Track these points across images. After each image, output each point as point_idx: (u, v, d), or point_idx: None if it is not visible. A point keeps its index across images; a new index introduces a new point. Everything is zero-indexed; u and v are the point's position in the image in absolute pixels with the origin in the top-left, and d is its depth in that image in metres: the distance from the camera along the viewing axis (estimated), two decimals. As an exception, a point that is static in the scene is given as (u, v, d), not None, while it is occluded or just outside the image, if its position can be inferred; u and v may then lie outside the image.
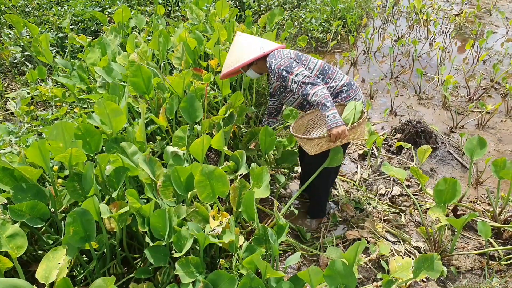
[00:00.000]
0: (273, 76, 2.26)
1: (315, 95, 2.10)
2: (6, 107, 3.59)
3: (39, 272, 1.53)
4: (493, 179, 3.13)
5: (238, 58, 2.33)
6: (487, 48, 5.53)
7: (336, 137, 2.06)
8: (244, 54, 2.32)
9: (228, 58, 2.40)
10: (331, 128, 2.05)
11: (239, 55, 2.32)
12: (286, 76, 2.19)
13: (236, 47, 2.38)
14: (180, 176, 1.93)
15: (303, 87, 2.14)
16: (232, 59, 2.36)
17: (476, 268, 2.37)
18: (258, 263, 1.59)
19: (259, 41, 2.39)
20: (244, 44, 2.36)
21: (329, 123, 2.06)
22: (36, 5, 5.26)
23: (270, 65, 2.24)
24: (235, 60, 2.33)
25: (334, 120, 2.05)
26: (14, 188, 1.79)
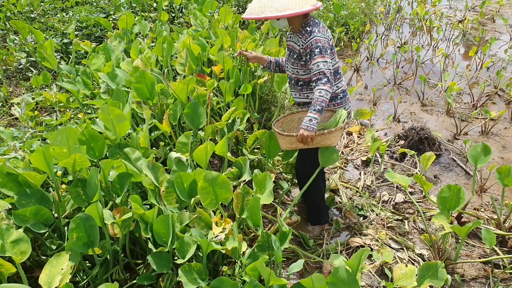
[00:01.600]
0: (303, 41, 2.13)
1: (321, 90, 2.08)
2: (10, 112, 3.61)
3: (42, 278, 1.53)
4: (497, 187, 3.11)
5: (288, 5, 2.04)
6: (491, 54, 5.53)
7: (301, 139, 2.11)
8: (293, 2, 2.06)
9: (273, 0, 2.07)
10: (303, 129, 2.10)
11: (289, 1, 2.06)
12: (316, 54, 2.09)
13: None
14: (183, 182, 1.93)
15: (320, 76, 2.08)
16: (280, 3, 2.04)
17: (480, 277, 2.35)
18: (262, 270, 1.58)
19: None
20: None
21: (305, 123, 2.10)
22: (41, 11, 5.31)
23: (311, 31, 2.11)
24: (284, 6, 2.04)
25: (310, 124, 2.09)
26: (18, 193, 1.79)
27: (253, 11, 2.10)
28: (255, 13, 2.08)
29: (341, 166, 3.39)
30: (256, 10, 2.08)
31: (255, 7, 2.09)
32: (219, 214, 1.91)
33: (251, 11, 2.10)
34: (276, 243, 1.75)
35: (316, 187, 2.53)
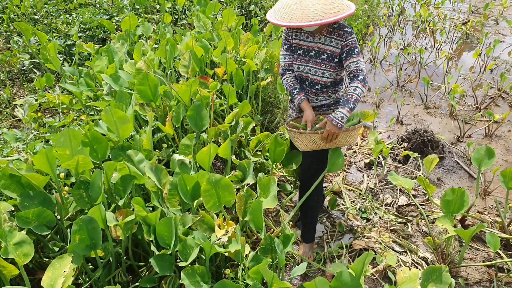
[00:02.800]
0: (342, 40, 2.03)
1: (356, 88, 1.99)
2: (14, 114, 3.62)
3: (44, 280, 1.53)
4: (501, 190, 3.09)
5: (340, 6, 1.90)
6: (494, 57, 5.51)
7: (328, 134, 2.01)
8: (343, 3, 1.93)
9: (325, 3, 1.87)
10: (333, 125, 1.98)
11: (339, 2, 1.92)
12: (356, 53, 2.03)
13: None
14: (186, 184, 1.93)
15: (358, 72, 2.01)
16: (332, 5, 1.88)
17: (484, 280, 2.33)
18: (265, 273, 1.58)
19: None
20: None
21: (335, 119, 1.97)
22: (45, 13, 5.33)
23: (351, 31, 2.03)
24: (338, 8, 1.89)
25: (341, 121, 1.98)
26: (21, 195, 1.79)
27: (295, 16, 1.86)
28: (301, 20, 1.85)
29: (344, 168, 3.38)
30: (301, 16, 1.86)
31: (297, 13, 1.87)
32: (222, 217, 1.91)
33: (292, 16, 1.87)
34: (279, 246, 1.75)
35: (320, 195, 2.44)
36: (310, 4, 1.85)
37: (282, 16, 1.90)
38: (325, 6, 1.85)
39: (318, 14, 1.83)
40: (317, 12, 1.84)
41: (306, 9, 1.85)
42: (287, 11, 1.90)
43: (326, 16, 1.84)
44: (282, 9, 1.93)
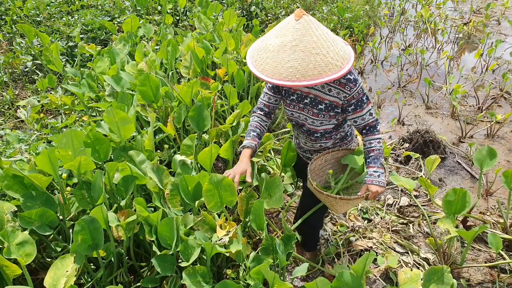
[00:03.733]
0: (347, 92, 1.66)
1: (379, 140, 1.77)
2: (16, 115, 3.64)
3: (47, 280, 1.53)
4: (503, 190, 3.09)
5: (326, 66, 1.46)
6: (496, 57, 5.50)
7: (374, 197, 1.76)
8: (344, 48, 1.53)
9: (305, 60, 1.44)
10: (376, 185, 1.73)
11: (339, 50, 1.49)
12: (365, 101, 1.70)
13: (326, 38, 1.47)
14: (188, 185, 1.93)
15: (374, 123, 1.76)
16: (333, 55, 1.46)
17: (486, 281, 2.33)
18: (266, 274, 1.58)
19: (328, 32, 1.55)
20: (329, 33, 1.51)
21: (376, 180, 1.74)
22: (47, 15, 5.36)
23: (356, 79, 1.66)
24: (322, 68, 1.45)
25: (381, 179, 1.74)
26: (24, 195, 1.80)
27: (268, 68, 1.49)
28: (272, 75, 1.48)
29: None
30: (273, 70, 1.47)
31: (271, 65, 1.48)
32: (224, 217, 1.91)
33: (265, 67, 1.50)
34: (280, 247, 1.75)
35: (323, 213, 2.29)
36: (286, 58, 1.44)
37: (257, 61, 1.53)
38: (304, 65, 1.42)
39: (292, 73, 1.43)
40: (291, 70, 1.43)
41: (280, 64, 1.45)
42: (263, 56, 1.51)
43: (302, 77, 1.43)
44: (261, 50, 1.53)
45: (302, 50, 1.43)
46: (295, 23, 1.44)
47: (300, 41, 1.43)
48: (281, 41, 1.46)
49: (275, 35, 1.50)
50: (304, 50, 1.43)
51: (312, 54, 1.43)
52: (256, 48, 1.58)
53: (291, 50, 1.44)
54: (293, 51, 1.43)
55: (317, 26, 1.46)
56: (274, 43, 1.48)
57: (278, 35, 1.48)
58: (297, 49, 1.43)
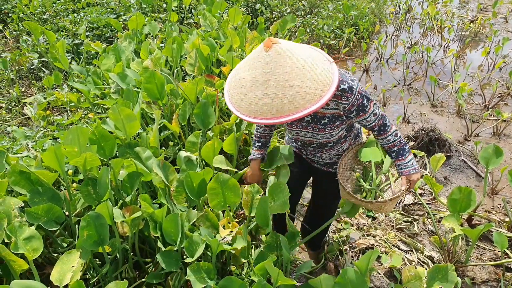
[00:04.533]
0: (345, 102, 1.53)
1: (395, 133, 1.70)
2: (23, 112, 3.67)
3: (53, 275, 1.55)
4: (509, 189, 3.07)
5: (302, 98, 1.31)
6: (503, 55, 5.45)
7: (414, 184, 1.74)
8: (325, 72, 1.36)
9: (279, 95, 1.30)
10: (412, 173, 1.71)
11: (319, 75, 1.34)
12: (367, 104, 1.57)
13: (301, 66, 1.32)
14: (192, 181, 1.94)
15: (382, 121, 1.66)
16: (311, 84, 1.31)
17: (491, 280, 2.32)
18: (270, 270, 1.59)
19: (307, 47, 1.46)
20: (307, 57, 1.35)
21: (410, 168, 1.71)
22: (53, 13, 5.39)
23: (350, 86, 1.50)
24: (299, 102, 1.30)
25: (415, 165, 1.72)
26: (31, 191, 1.82)
27: (242, 105, 1.37)
28: (248, 112, 1.36)
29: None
30: (248, 107, 1.35)
31: (245, 102, 1.36)
32: (227, 217, 1.91)
33: (240, 103, 1.38)
34: (285, 243, 1.75)
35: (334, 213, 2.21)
36: (259, 95, 1.32)
37: (233, 96, 1.42)
38: (278, 101, 1.29)
39: (267, 110, 1.31)
40: (266, 107, 1.31)
41: (254, 101, 1.33)
42: (237, 91, 1.39)
43: (279, 114, 1.30)
44: (235, 84, 1.42)
45: (275, 85, 1.29)
46: (265, 55, 1.31)
47: (271, 74, 1.29)
48: (252, 75, 1.33)
49: (247, 67, 1.36)
50: (277, 84, 1.29)
51: (286, 87, 1.28)
52: (231, 80, 1.46)
53: (263, 86, 1.31)
54: (266, 87, 1.30)
55: (290, 54, 1.30)
56: (246, 77, 1.36)
57: (250, 67, 1.35)
58: (269, 84, 1.29)
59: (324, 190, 2.12)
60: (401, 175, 1.74)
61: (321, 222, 2.14)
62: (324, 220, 2.13)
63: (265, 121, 1.33)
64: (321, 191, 2.15)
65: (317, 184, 2.16)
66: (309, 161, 2.00)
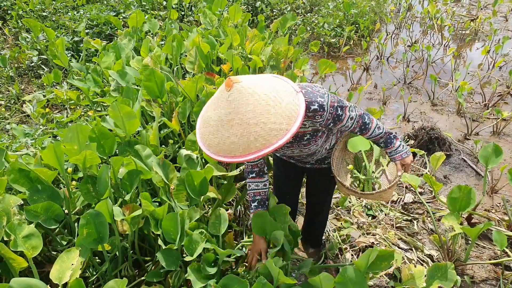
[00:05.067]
0: (320, 120, 1.53)
1: (377, 127, 1.71)
2: (22, 110, 3.66)
3: (53, 273, 1.55)
4: (509, 188, 3.07)
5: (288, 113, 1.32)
6: (503, 54, 5.45)
7: (409, 167, 1.80)
8: (290, 105, 1.33)
9: (244, 134, 1.30)
10: (404, 157, 1.76)
11: (284, 109, 1.32)
12: (341, 113, 1.56)
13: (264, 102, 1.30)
14: (194, 180, 1.94)
15: (361, 121, 1.67)
16: (275, 119, 1.30)
17: (491, 278, 2.32)
18: (271, 269, 1.59)
19: (272, 79, 1.43)
20: (270, 92, 1.33)
21: (401, 152, 1.75)
22: (53, 10, 5.37)
23: (320, 105, 1.48)
24: (265, 138, 1.29)
25: (406, 149, 1.76)
26: (30, 189, 1.82)
27: (212, 144, 1.38)
28: (217, 151, 1.37)
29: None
30: (217, 146, 1.36)
31: (214, 141, 1.37)
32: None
33: (210, 142, 1.38)
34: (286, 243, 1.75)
35: (329, 208, 2.29)
36: (226, 134, 1.32)
37: (203, 134, 1.42)
38: (244, 139, 1.29)
39: (235, 149, 1.31)
40: (233, 146, 1.32)
41: (222, 141, 1.34)
42: (206, 131, 1.40)
43: (247, 151, 1.30)
44: (204, 123, 1.42)
45: (239, 123, 1.29)
46: (227, 94, 1.31)
47: (235, 113, 1.29)
48: (218, 115, 1.34)
49: (213, 106, 1.37)
50: (241, 123, 1.28)
51: (251, 125, 1.28)
52: (201, 118, 1.46)
53: (228, 125, 1.31)
54: (231, 126, 1.30)
55: (252, 91, 1.29)
56: (213, 116, 1.36)
57: (216, 106, 1.36)
58: (234, 123, 1.30)
59: (317, 187, 2.14)
60: (394, 161, 1.79)
61: (317, 219, 2.15)
62: (320, 216, 2.14)
63: (235, 159, 1.33)
64: (314, 189, 2.16)
65: (310, 182, 2.18)
66: (301, 164, 2.00)
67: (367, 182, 1.90)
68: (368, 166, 1.95)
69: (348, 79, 4.96)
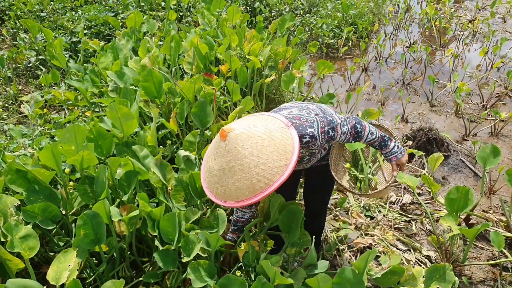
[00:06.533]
0: (316, 146, 1.61)
1: (371, 133, 1.73)
2: (20, 110, 3.65)
3: (49, 274, 1.54)
4: (506, 189, 3.07)
5: (284, 148, 1.41)
6: (501, 55, 5.46)
7: (404, 166, 1.83)
8: (284, 140, 1.42)
9: (247, 178, 1.38)
10: (399, 158, 1.79)
11: (279, 145, 1.41)
12: (334, 134, 1.61)
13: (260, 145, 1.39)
14: (195, 181, 1.94)
15: (353, 131, 1.68)
16: (274, 156, 1.39)
17: (488, 279, 2.32)
18: (267, 269, 1.58)
19: (262, 117, 1.54)
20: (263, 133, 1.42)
21: (396, 153, 1.78)
22: (51, 10, 5.36)
23: (312, 136, 1.55)
24: (268, 178, 1.38)
25: (400, 149, 1.80)
26: (27, 190, 1.81)
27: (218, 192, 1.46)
28: (224, 199, 1.45)
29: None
30: (223, 194, 1.44)
31: (220, 189, 1.45)
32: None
33: (217, 191, 1.47)
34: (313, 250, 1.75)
35: (327, 208, 2.31)
36: (230, 181, 1.40)
37: (209, 183, 1.50)
38: (248, 183, 1.37)
39: (242, 193, 1.39)
40: (239, 191, 1.39)
41: (227, 188, 1.41)
42: (211, 180, 1.48)
43: (253, 194, 1.38)
44: (208, 172, 1.50)
45: (241, 169, 1.37)
46: (223, 144, 1.39)
47: (235, 161, 1.38)
48: (219, 164, 1.43)
49: (213, 156, 1.46)
50: (242, 168, 1.37)
51: (251, 168, 1.36)
52: (204, 167, 1.54)
53: (230, 173, 1.39)
54: (233, 173, 1.39)
55: (246, 136, 1.38)
56: (214, 166, 1.45)
57: (215, 156, 1.44)
58: (235, 169, 1.38)
59: (315, 187, 2.15)
60: (390, 161, 1.83)
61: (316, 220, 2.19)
62: (318, 217, 2.15)
63: (244, 203, 1.39)
64: (313, 189, 2.17)
65: (308, 182, 2.19)
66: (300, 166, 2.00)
67: (364, 181, 1.93)
68: (365, 164, 1.97)
69: (347, 80, 4.96)
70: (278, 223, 1.89)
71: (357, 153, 2.05)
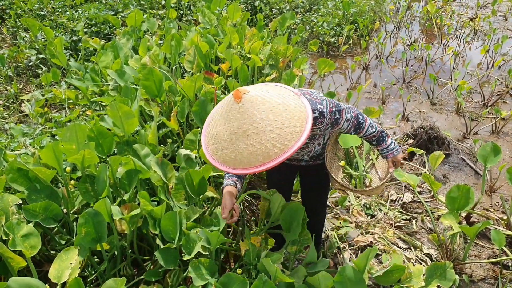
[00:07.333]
0: (322, 125, 1.58)
1: (371, 126, 1.74)
2: (21, 109, 3.66)
3: (51, 272, 1.55)
4: (507, 187, 3.07)
5: (298, 115, 1.35)
6: (502, 53, 5.45)
7: (400, 163, 1.84)
8: (298, 107, 1.37)
9: (262, 142, 1.30)
10: (396, 155, 1.82)
11: (293, 112, 1.35)
12: (339, 117, 1.61)
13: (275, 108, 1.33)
14: (193, 179, 1.94)
15: (356, 121, 1.69)
16: (289, 122, 1.32)
17: (489, 277, 2.33)
18: (268, 267, 1.59)
19: (273, 85, 1.48)
20: (277, 98, 1.36)
21: (392, 150, 1.81)
22: (51, 9, 5.36)
23: (321, 112, 1.52)
24: (283, 143, 1.30)
25: (396, 146, 1.82)
26: (29, 188, 1.81)
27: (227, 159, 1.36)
28: (233, 165, 1.35)
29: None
30: (233, 161, 1.34)
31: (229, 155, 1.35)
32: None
33: (225, 158, 1.36)
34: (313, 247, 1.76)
35: (325, 207, 2.30)
36: (242, 146, 1.31)
37: (214, 151, 1.39)
38: (262, 147, 1.29)
39: (255, 158, 1.30)
40: (253, 156, 1.30)
41: (239, 153, 1.32)
42: (218, 146, 1.38)
43: (267, 159, 1.30)
44: (214, 139, 1.40)
45: (256, 133, 1.29)
46: (237, 106, 1.31)
47: (249, 124, 1.29)
48: (230, 128, 1.33)
49: (223, 121, 1.36)
50: (257, 132, 1.29)
51: (267, 132, 1.29)
52: (207, 135, 1.44)
53: (243, 137, 1.30)
54: (247, 137, 1.30)
55: (261, 99, 1.32)
56: (223, 131, 1.35)
57: (226, 120, 1.34)
58: (249, 133, 1.30)
59: (312, 185, 2.15)
60: (386, 158, 1.84)
61: (315, 218, 2.18)
62: (317, 215, 2.17)
63: (254, 170, 1.32)
64: (310, 188, 2.18)
65: (305, 181, 2.19)
66: (295, 163, 2.00)
67: (359, 178, 1.95)
68: (360, 162, 2.00)
69: (347, 78, 4.96)
70: (279, 222, 1.89)
71: (350, 152, 2.07)
